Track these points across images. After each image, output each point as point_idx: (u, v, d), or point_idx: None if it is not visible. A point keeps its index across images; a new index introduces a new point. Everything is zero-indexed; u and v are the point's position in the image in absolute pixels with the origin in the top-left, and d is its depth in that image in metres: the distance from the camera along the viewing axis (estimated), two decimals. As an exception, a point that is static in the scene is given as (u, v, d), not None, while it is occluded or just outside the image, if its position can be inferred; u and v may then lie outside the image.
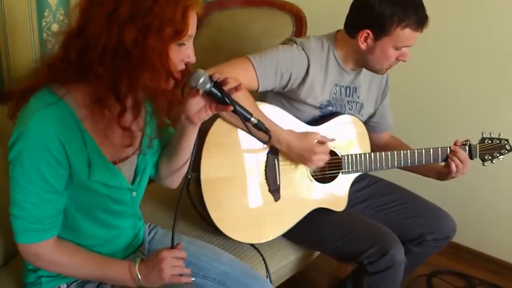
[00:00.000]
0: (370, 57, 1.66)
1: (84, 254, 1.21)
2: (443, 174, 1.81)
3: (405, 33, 1.58)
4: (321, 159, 1.62)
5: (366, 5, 1.60)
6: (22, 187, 1.08)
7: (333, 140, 1.67)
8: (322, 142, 1.63)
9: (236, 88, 1.20)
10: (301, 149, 1.60)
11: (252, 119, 1.23)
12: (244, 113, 1.22)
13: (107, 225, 1.26)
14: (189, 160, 1.29)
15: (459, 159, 1.75)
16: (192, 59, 1.12)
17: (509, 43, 2.19)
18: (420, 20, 1.58)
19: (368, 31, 1.61)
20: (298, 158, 1.62)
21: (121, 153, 1.20)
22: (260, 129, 1.26)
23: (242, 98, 1.38)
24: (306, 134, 1.62)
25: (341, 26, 1.72)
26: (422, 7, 1.59)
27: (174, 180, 1.39)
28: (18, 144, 1.05)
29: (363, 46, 1.64)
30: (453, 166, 1.75)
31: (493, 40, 2.22)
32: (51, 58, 1.10)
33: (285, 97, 1.70)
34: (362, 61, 1.70)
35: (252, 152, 1.61)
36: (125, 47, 1.01)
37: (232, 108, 1.18)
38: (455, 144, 1.80)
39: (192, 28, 1.08)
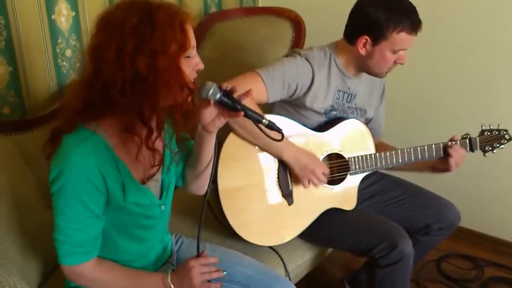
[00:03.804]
0: (369, 62, 1.75)
1: (121, 270, 1.31)
2: (439, 169, 1.90)
3: (401, 37, 1.67)
4: (322, 173, 1.72)
5: (363, 13, 1.69)
6: (66, 215, 1.17)
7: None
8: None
9: (246, 93, 1.27)
10: (307, 159, 1.69)
11: (264, 120, 1.27)
12: (255, 116, 1.26)
13: (141, 240, 1.36)
14: (212, 165, 1.37)
15: (458, 156, 1.84)
16: (201, 66, 1.20)
17: (504, 35, 2.25)
18: (414, 24, 1.67)
19: (366, 37, 1.70)
20: (301, 168, 1.69)
21: (148, 172, 1.30)
22: (273, 129, 1.29)
23: (251, 107, 1.47)
24: (313, 153, 1.73)
25: (337, 29, 1.80)
26: (415, 12, 1.68)
27: (200, 185, 1.46)
28: (61, 179, 1.14)
29: (362, 51, 1.73)
30: (452, 162, 1.84)
31: (487, 32, 2.28)
32: (74, 102, 1.18)
33: (291, 105, 1.79)
34: (362, 66, 1.79)
35: (264, 161, 1.71)
36: (141, 74, 1.10)
37: (243, 113, 1.23)
38: (452, 139, 1.88)
39: (192, 40, 1.16)
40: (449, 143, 1.87)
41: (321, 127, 1.81)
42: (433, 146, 1.87)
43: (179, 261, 1.51)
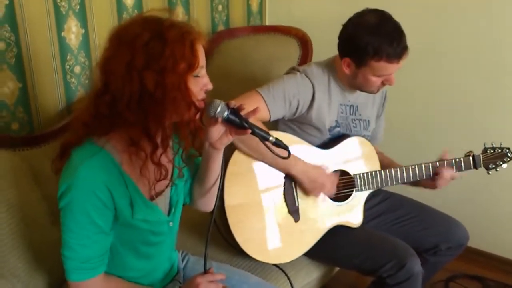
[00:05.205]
0: (356, 81, 1.74)
1: (128, 286, 1.31)
2: (425, 186, 1.90)
3: (380, 65, 1.65)
4: (333, 184, 1.72)
5: (347, 35, 1.70)
6: (73, 231, 1.17)
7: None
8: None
9: (254, 111, 1.27)
10: (316, 172, 1.69)
11: (271, 138, 1.27)
12: (262, 133, 1.26)
13: (148, 257, 1.36)
14: (219, 181, 1.37)
15: (447, 175, 1.84)
16: (209, 86, 1.21)
17: (508, 53, 2.26)
18: (394, 53, 1.62)
19: (349, 59, 1.70)
20: (310, 183, 1.69)
21: (156, 189, 1.29)
22: (279, 146, 1.29)
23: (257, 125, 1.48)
24: (319, 165, 1.72)
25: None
26: (398, 39, 1.62)
27: (207, 202, 1.46)
28: (69, 194, 1.14)
29: (347, 71, 1.72)
30: (440, 182, 1.84)
31: (492, 49, 2.28)
32: (84, 115, 1.19)
33: (296, 122, 1.79)
34: (351, 83, 1.78)
35: (270, 178, 1.71)
36: (148, 90, 1.11)
37: (250, 131, 1.23)
38: (442, 158, 1.88)
39: (202, 60, 1.17)
40: (454, 160, 1.87)
41: (326, 145, 1.81)
42: (437, 163, 1.86)
43: (185, 278, 1.50)
